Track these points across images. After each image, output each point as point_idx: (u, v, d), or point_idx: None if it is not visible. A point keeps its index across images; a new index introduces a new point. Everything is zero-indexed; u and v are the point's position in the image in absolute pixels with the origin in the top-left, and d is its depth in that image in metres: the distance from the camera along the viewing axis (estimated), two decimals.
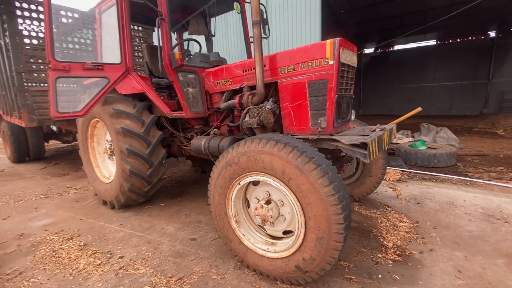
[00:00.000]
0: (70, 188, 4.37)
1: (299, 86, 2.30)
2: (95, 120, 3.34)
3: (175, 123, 3.43)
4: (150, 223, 2.99)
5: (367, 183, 3.17)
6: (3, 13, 4.54)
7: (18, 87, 4.64)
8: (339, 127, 2.35)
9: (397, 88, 19.49)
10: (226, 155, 1.97)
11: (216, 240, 2.56)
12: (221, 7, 3.63)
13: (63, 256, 2.40)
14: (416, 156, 5.05)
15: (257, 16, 2.28)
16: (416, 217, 2.88)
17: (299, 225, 1.71)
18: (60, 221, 3.14)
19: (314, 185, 1.56)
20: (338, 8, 13.17)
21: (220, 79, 2.88)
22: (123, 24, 3.04)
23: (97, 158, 3.62)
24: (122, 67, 3.03)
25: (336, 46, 2.06)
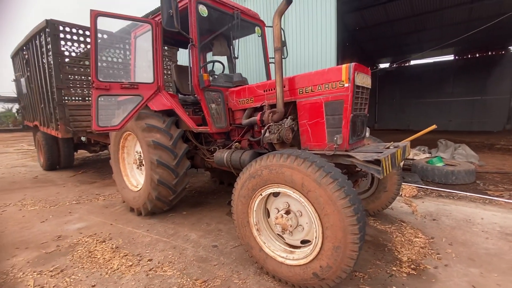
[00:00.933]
0: (98, 195, 4.70)
1: (316, 106, 2.50)
2: (127, 133, 3.67)
3: (199, 137, 3.70)
4: (174, 229, 3.20)
5: (382, 198, 3.25)
6: (48, 36, 5.09)
7: (57, 101, 5.12)
8: (354, 143, 2.50)
9: (414, 103, 19.26)
10: (250, 168, 2.17)
11: (237, 248, 2.72)
12: (243, 30, 3.94)
13: (98, 257, 2.64)
14: (433, 173, 5.04)
15: (278, 43, 2.53)
16: (432, 233, 2.92)
17: (317, 234, 1.86)
18: (92, 225, 3.42)
19: (331, 198, 1.72)
20: (353, 25, 13.46)
21: (243, 97, 3.14)
22: (156, 47, 3.40)
23: (126, 168, 3.93)
24: (154, 86, 3.36)
25: (351, 70, 2.25)
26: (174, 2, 2.70)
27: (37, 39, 5.52)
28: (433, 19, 12.67)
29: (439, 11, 11.84)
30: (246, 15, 3.63)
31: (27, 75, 6.66)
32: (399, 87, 19.79)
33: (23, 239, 3.09)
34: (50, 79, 5.30)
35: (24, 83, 7.06)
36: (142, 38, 3.73)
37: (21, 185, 5.57)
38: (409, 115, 19.50)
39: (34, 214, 3.86)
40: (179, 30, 2.76)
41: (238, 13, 3.35)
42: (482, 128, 16.25)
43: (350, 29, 13.70)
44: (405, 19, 12.67)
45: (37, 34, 5.40)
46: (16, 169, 7.27)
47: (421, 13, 12.06)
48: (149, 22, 3.35)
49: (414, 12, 11.99)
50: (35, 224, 3.50)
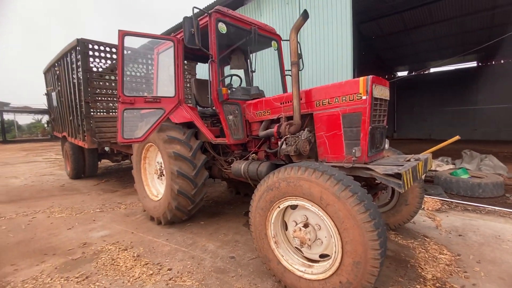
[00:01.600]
0: (120, 204, 4.88)
1: (333, 118, 2.51)
2: (149, 144, 3.83)
3: (217, 148, 3.79)
4: (192, 239, 3.26)
5: (403, 212, 3.15)
6: (78, 54, 5.48)
7: (85, 114, 5.45)
8: (373, 156, 2.48)
9: (435, 111, 18.61)
10: (267, 180, 2.20)
11: (254, 260, 2.72)
12: (260, 45, 4.06)
13: (120, 264, 2.73)
14: (458, 185, 4.82)
15: (295, 57, 2.59)
16: (458, 249, 2.79)
17: (336, 249, 1.84)
18: (115, 233, 3.55)
19: (350, 212, 1.71)
20: (369, 34, 13.38)
21: (260, 109, 3.20)
22: (178, 63, 3.58)
23: (147, 178, 4.08)
24: (175, 100, 3.52)
25: (369, 83, 2.26)
26: (196, 21, 2.85)
27: (68, 56, 5.95)
28: (453, 26, 12.35)
29: (459, 18, 11.55)
30: (263, 30, 3.74)
31: (57, 89, 7.15)
32: (419, 95, 19.25)
33: (51, 245, 3.26)
34: (79, 93, 5.67)
35: (54, 96, 7.57)
36: (164, 54, 3.94)
37: (49, 193, 5.89)
38: (431, 124, 18.84)
39: (61, 221, 4.07)
40: (200, 47, 2.90)
41: (255, 28, 3.46)
42: (510, 137, 15.36)
43: (367, 38, 13.61)
44: (423, 27, 12.44)
45: (69, 52, 5.83)
46: (45, 178, 7.71)
47: (440, 21, 11.81)
48: (171, 39, 3.54)
49: (432, 20, 11.77)
50: (62, 231, 3.69)
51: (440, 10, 10.95)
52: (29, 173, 8.63)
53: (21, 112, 33.67)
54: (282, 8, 6.81)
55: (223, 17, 3.22)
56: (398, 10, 10.89)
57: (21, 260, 2.90)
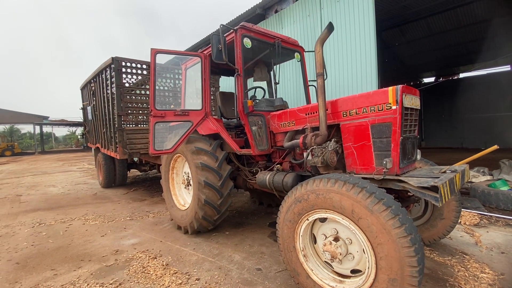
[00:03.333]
0: (149, 213, 5.06)
1: (362, 128, 2.47)
2: (177, 155, 3.98)
3: (241, 158, 3.85)
4: (218, 249, 3.30)
5: (438, 227, 2.98)
6: (113, 71, 5.88)
7: (117, 126, 5.79)
8: (405, 167, 2.39)
9: (467, 118, 17.55)
10: (295, 192, 2.19)
11: (281, 273, 2.69)
12: (283, 57, 4.13)
13: (151, 272, 2.82)
14: (497, 198, 4.48)
15: (321, 68, 2.61)
16: (501, 268, 2.57)
17: (369, 264, 1.78)
18: (144, 241, 3.68)
19: (385, 226, 1.66)
20: (392, 41, 13.09)
21: (284, 120, 3.23)
22: (205, 77, 3.73)
23: (175, 188, 4.21)
24: (202, 112, 3.65)
25: (399, 93, 2.22)
26: (223, 38, 2.99)
27: (103, 73, 6.41)
28: (483, 29, 11.76)
29: (488, 21, 10.99)
30: (286, 43, 3.82)
31: (93, 104, 7.68)
32: (448, 102, 18.31)
33: (86, 251, 3.45)
34: (112, 107, 6.06)
35: (90, 110, 8.14)
36: (191, 69, 4.13)
37: (84, 201, 6.26)
38: (462, 132, 17.76)
39: (95, 229, 4.30)
40: (227, 62, 3.02)
41: (279, 42, 3.54)
42: None
43: (390, 45, 13.33)
44: (450, 31, 11.96)
45: (104, 69, 6.28)
46: (79, 186, 8.21)
47: (469, 24, 11.30)
48: (199, 55, 3.71)
49: (460, 23, 11.30)
50: (96, 238, 3.88)
51: (468, 13, 10.51)
52: (65, 181, 9.24)
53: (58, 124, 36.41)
54: (304, 20, 6.90)
55: (248, 33, 3.34)
56: (422, 15, 10.60)
57: (60, 265, 3.09)
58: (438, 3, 9.57)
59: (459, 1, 9.56)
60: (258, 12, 8.35)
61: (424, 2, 9.38)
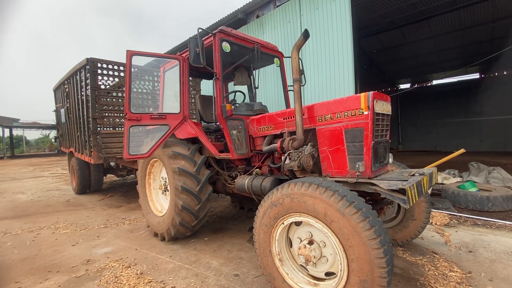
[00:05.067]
0: (125, 219, 4.87)
1: (336, 133, 2.53)
2: (154, 160, 3.88)
3: (221, 163, 3.81)
4: (196, 256, 3.22)
5: (410, 227, 3.09)
6: (87, 72, 5.67)
7: (92, 130, 5.56)
8: (377, 170, 2.46)
9: (440, 123, 18.52)
10: (271, 196, 2.20)
11: (258, 278, 2.67)
12: (263, 62, 4.16)
13: (124, 282, 2.70)
14: (466, 199, 4.72)
15: (297, 74, 2.65)
16: (469, 266, 2.70)
17: (341, 267, 1.81)
18: (118, 250, 3.53)
19: (355, 228, 1.69)
20: (370, 48, 13.61)
21: (263, 125, 3.25)
22: (183, 80, 3.68)
23: (152, 193, 4.09)
24: (180, 116, 3.59)
25: (370, 99, 2.29)
26: (200, 41, 2.96)
27: (77, 74, 6.16)
28: (453, 39, 12.52)
29: (459, 31, 11.72)
30: (265, 48, 3.85)
31: (66, 106, 7.34)
32: (422, 107, 19.26)
33: (55, 262, 3.25)
34: (87, 109, 5.82)
35: (63, 113, 7.77)
36: (170, 72, 4.06)
37: (55, 208, 5.92)
38: (436, 136, 18.70)
39: (65, 237, 4.07)
40: (205, 65, 2.99)
41: (258, 47, 3.57)
42: None
43: (368, 52, 13.84)
44: (424, 40, 12.62)
45: (78, 71, 6.04)
46: (51, 193, 7.78)
47: (440, 34, 11.99)
48: (177, 58, 3.66)
49: (433, 33, 11.96)
50: (66, 248, 3.68)
51: (440, 24, 11.15)
52: (35, 188, 8.72)
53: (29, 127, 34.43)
54: (284, 26, 7.02)
55: (227, 37, 3.34)
56: (397, 25, 11.11)
57: (26, 277, 2.89)
58: (411, 14, 10.08)
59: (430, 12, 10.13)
60: (240, 16, 8.40)
61: (398, 12, 9.85)
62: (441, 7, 9.76)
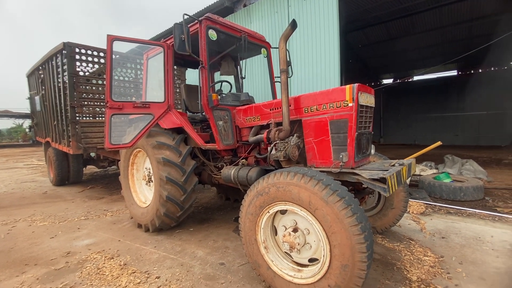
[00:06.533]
0: (106, 211, 4.75)
1: (321, 124, 2.58)
2: (137, 150, 3.78)
3: (206, 153, 3.78)
4: (181, 246, 3.22)
5: (389, 216, 3.24)
6: (64, 57, 5.37)
7: (70, 119, 5.32)
8: (360, 161, 2.55)
9: (419, 118, 19.26)
10: (257, 185, 2.22)
11: (244, 266, 2.71)
12: (250, 52, 4.12)
13: (106, 274, 2.66)
14: (441, 189, 4.99)
15: (284, 65, 2.65)
16: (441, 251, 2.88)
17: (324, 252, 1.87)
18: (101, 242, 3.45)
19: (338, 216, 1.75)
20: (356, 43, 13.80)
21: (250, 115, 3.24)
22: (167, 68, 3.57)
23: (135, 184, 4.00)
24: (164, 105, 3.50)
25: (355, 91, 2.34)
26: (186, 28, 2.88)
27: (53, 60, 5.81)
28: (434, 36, 12.94)
29: (439, 29, 12.11)
30: (252, 37, 3.81)
31: (41, 93, 6.95)
32: (404, 102, 19.90)
33: (32, 255, 3.13)
34: (64, 97, 5.53)
35: (38, 101, 7.35)
36: (154, 60, 3.93)
37: (31, 200, 5.67)
38: (415, 130, 19.45)
39: (43, 230, 3.92)
40: (190, 53, 2.92)
41: (245, 36, 3.52)
42: (489, 142, 16.07)
43: (354, 47, 14.03)
44: (407, 37, 12.95)
45: (54, 55, 5.70)
46: (26, 185, 7.42)
47: (422, 31, 12.34)
48: (161, 45, 3.54)
49: (415, 30, 12.28)
50: (44, 240, 3.55)
51: (422, 21, 11.46)
52: (9, 180, 8.28)
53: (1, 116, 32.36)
54: (272, 16, 6.94)
55: (213, 24, 3.27)
56: (382, 20, 11.30)
57: (0, 271, 2.78)
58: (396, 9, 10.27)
59: (414, 9, 10.37)
60: (227, 4, 8.21)
61: (383, 7, 10.00)
62: (424, 5, 10.01)
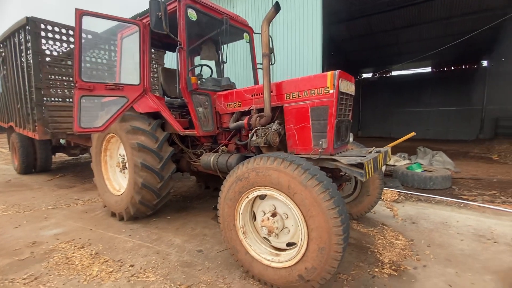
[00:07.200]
0: (78, 200, 4.51)
1: (302, 111, 2.56)
2: (110, 135, 3.57)
3: (185, 140, 3.66)
4: (157, 235, 3.13)
5: (365, 202, 3.34)
6: (28, 34, 4.91)
7: (36, 101, 4.91)
8: (338, 148, 2.58)
9: (395, 112, 20.04)
10: (236, 171, 2.17)
11: (222, 252, 2.69)
12: (232, 36, 3.98)
13: (76, 263, 2.52)
14: (413, 178, 5.25)
15: (266, 49, 2.58)
16: (412, 235, 3.03)
17: (302, 236, 1.88)
18: (70, 231, 3.27)
19: (316, 199, 1.76)
20: (338, 36, 13.94)
21: (230, 101, 3.15)
22: (144, 49, 3.37)
23: (108, 171, 3.81)
24: (140, 88, 3.31)
25: (336, 77, 2.34)
26: (163, 5, 2.71)
27: (15, 36, 5.30)
28: (412, 33, 13.38)
29: (417, 26, 12.52)
30: (235, 21, 3.68)
31: (3, 73, 6.36)
32: (381, 97, 20.55)
33: None
34: (28, 78, 5.09)
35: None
36: (129, 39, 3.69)
37: None
38: (391, 124, 20.23)
39: (6, 220, 3.64)
40: (168, 32, 2.76)
41: (227, 19, 3.39)
42: (457, 137, 17.13)
43: (336, 40, 14.16)
44: (387, 32, 13.29)
45: (16, 32, 5.20)
46: None
47: (401, 27, 12.70)
48: (137, 23, 3.32)
49: (395, 26, 12.62)
50: (7, 230, 3.30)
51: (401, 17, 11.78)
52: None
53: None
54: (255, 0, 6.77)
55: (193, 3, 3.10)
56: (365, 13, 11.47)
57: None
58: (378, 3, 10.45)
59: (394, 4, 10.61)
60: None
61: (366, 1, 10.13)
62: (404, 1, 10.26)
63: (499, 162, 8.33)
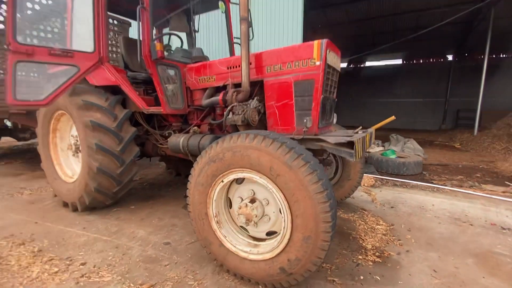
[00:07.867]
0: (24, 189, 3.89)
1: (285, 86, 2.28)
2: (59, 112, 3.03)
3: (151, 120, 3.24)
4: (118, 226, 2.73)
5: (345, 187, 3.21)
6: None
7: None
8: (323, 128, 2.36)
9: (367, 102, 20.65)
10: (209, 151, 1.86)
11: (193, 244, 2.39)
12: (205, 5, 3.55)
13: (12, 263, 2.08)
14: (387, 164, 5.29)
15: (245, 12, 2.23)
16: (391, 220, 2.96)
17: (285, 224, 1.64)
18: (10, 225, 2.75)
19: (302, 182, 1.51)
20: (316, 22, 13.75)
21: (203, 75, 2.78)
22: (98, 11, 2.83)
23: (59, 155, 3.27)
24: (95, 56, 2.80)
25: (323, 47, 2.08)
26: None
27: None
28: (386, 23, 13.59)
29: (391, 16, 12.71)
30: None
31: None
32: (355, 87, 21.00)
33: None
34: None
35: None
36: None
37: None
38: (363, 113, 20.86)
39: None
40: None
41: None
42: (422, 127, 18.13)
43: (314, 26, 13.97)
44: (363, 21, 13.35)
45: None
46: None
47: (376, 17, 12.82)
48: None
49: (370, 15, 12.69)
50: None
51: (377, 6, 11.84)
52: None
53: None
54: None
55: None
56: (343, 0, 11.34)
57: None
58: None
59: None
60: None
61: None
62: None
63: (462, 150, 8.85)
